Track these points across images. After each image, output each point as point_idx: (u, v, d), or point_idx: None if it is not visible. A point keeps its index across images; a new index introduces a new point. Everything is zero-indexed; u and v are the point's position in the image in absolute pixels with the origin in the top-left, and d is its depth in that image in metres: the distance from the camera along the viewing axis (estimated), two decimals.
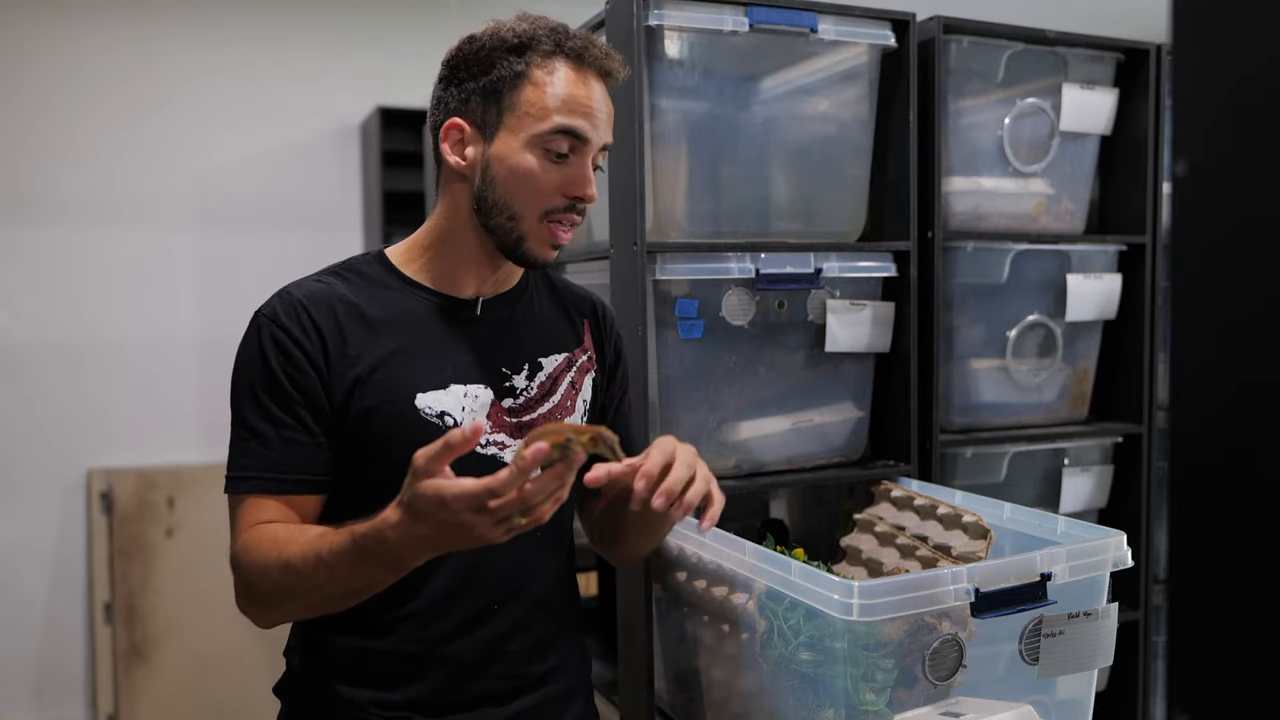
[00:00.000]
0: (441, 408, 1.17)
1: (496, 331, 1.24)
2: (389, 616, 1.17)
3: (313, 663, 1.22)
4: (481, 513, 0.93)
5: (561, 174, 1.17)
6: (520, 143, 1.16)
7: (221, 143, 3.76)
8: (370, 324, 1.17)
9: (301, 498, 1.14)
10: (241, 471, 1.13)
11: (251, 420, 1.13)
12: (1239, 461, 0.47)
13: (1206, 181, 0.48)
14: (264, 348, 1.14)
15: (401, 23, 3.94)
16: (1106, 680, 1.95)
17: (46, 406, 3.55)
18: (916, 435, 1.71)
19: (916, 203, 1.70)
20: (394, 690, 1.18)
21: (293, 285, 1.19)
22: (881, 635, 1.15)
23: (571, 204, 1.18)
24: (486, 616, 1.21)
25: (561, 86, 1.15)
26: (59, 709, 3.55)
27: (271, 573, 1.07)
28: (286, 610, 1.12)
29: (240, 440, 1.14)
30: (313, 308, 1.15)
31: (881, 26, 1.66)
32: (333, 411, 1.14)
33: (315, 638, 1.21)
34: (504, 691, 1.23)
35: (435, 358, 1.19)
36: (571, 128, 1.15)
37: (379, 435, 1.14)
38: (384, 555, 1.00)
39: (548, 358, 1.27)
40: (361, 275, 1.22)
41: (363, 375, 1.14)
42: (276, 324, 1.14)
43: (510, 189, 1.17)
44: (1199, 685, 0.49)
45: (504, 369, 1.23)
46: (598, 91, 1.18)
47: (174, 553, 3.54)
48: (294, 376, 1.13)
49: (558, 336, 1.30)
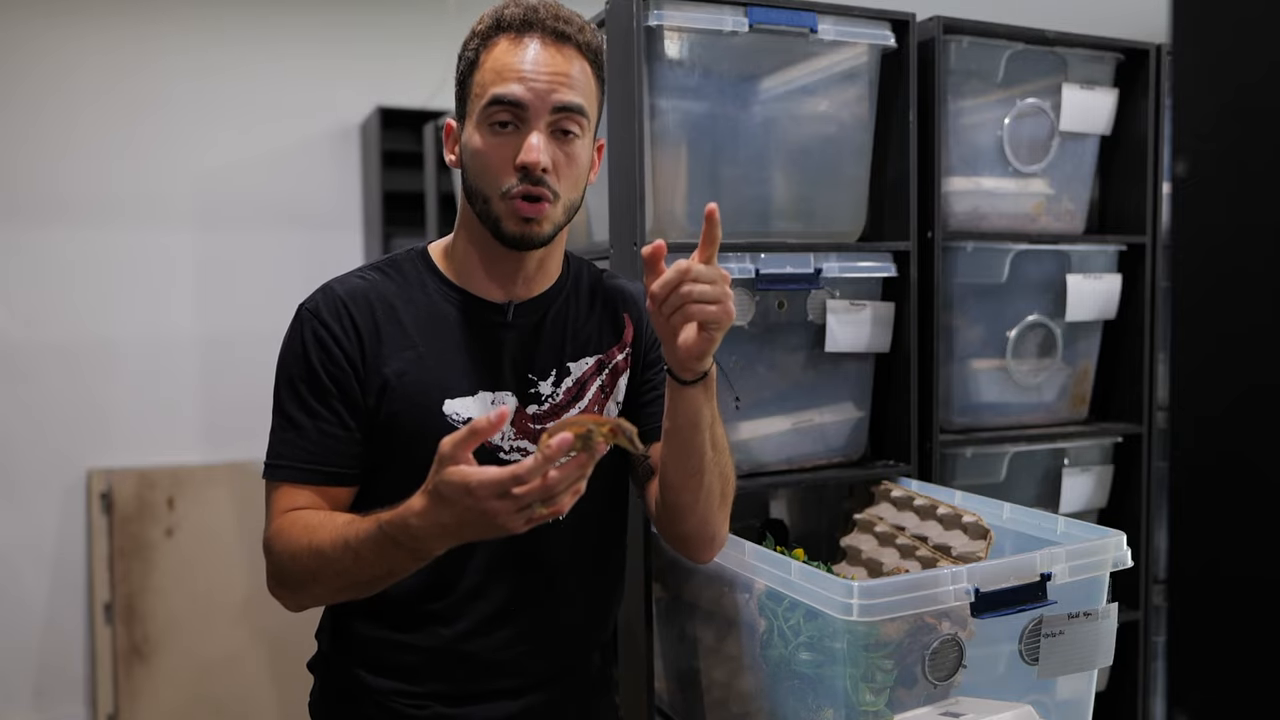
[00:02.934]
0: (469, 414, 1.18)
1: (526, 337, 1.24)
2: (415, 612, 1.20)
3: (340, 648, 1.25)
4: (505, 499, 0.94)
5: (509, 146, 1.14)
6: (473, 126, 1.17)
7: (221, 142, 3.75)
8: (404, 326, 1.19)
9: (334, 489, 1.17)
10: (278, 460, 1.16)
11: (290, 411, 1.16)
12: (1239, 461, 0.47)
13: (1206, 181, 0.48)
14: (305, 342, 1.17)
15: (401, 23, 3.94)
16: (1106, 680, 1.95)
17: (46, 406, 3.55)
18: (916, 435, 1.71)
19: (916, 203, 1.69)
20: (416, 682, 1.21)
21: (336, 280, 1.21)
22: (881, 635, 1.15)
23: (524, 175, 1.13)
24: (500, 621, 1.22)
25: (498, 59, 1.15)
26: (59, 709, 3.55)
27: (301, 558, 1.09)
28: (314, 594, 1.14)
29: (279, 429, 1.17)
30: (353, 305, 1.18)
31: (881, 27, 1.66)
32: (366, 409, 1.17)
33: (344, 625, 1.24)
34: (520, 686, 1.25)
35: (464, 364, 1.20)
36: (501, 95, 1.13)
37: (405, 438, 1.16)
38: (408, 543, 1.01)
39: (576, 362, 1.26)
40: (403, 273, 1.23)
41: (392, 378, 1.16)
42: (318, 319, 1.17)
43: (474, 173, 1.18)
44: (1199, 685, 0.49)
45: (530, 375, 1.23)
46: (538, 53, 1.14)
47: (174, 553, 3.54)
48: (332, 372, 1.16)
49: (591, 339, 1.29)
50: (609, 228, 1.59)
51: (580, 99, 1.15)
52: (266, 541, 1.15)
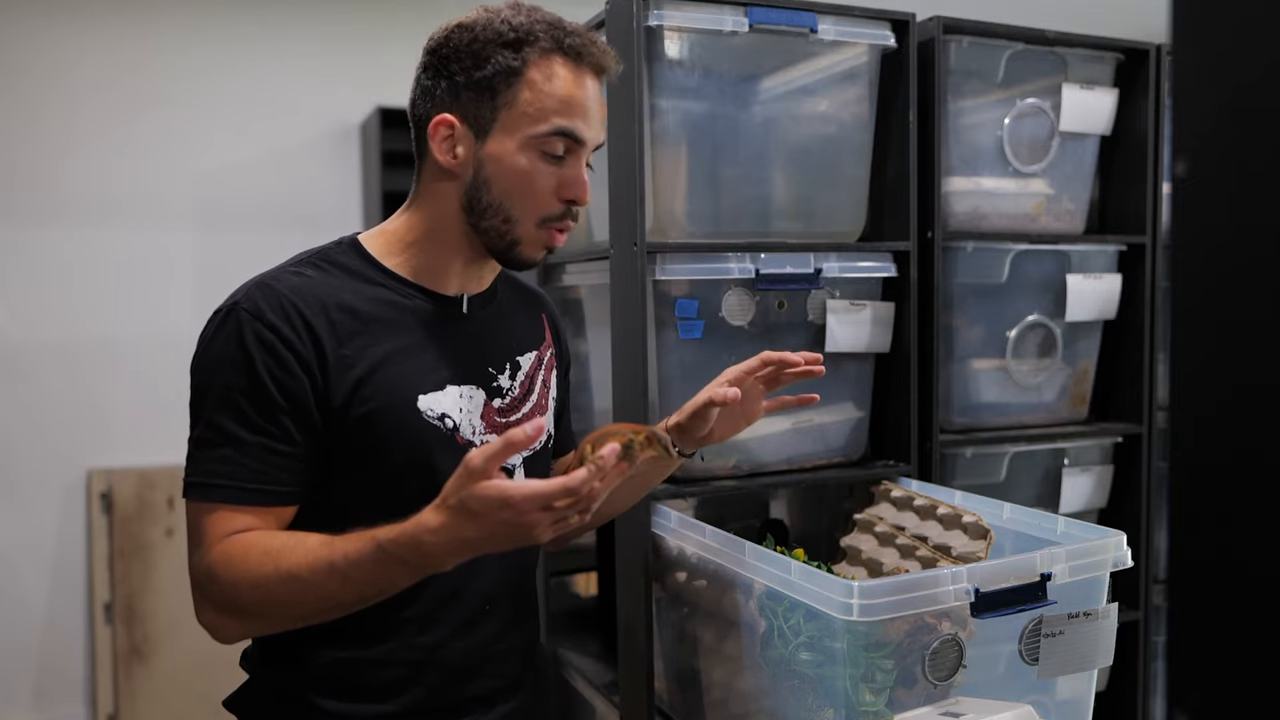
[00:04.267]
0: (442, 409, 1.15)
1: (482, 330, 1.23)
2: (385, 623, 1.13)
3: (288, 678, 1.16)
4: (547, 511, 0.93)
5: (557, 177, 1.14)
6: (516, 144, 1.12)
7: (220, 142, 3.75)
8: (364, 321, 1.12)
9: (280, 509, 1.08)
10: (212, 478, 1.05)
11: (224, 424, 1.05)
12: (1239, 461, 0.47)
13: (1206, 181, 0.48)
14: (247, 347, 1.06)
15: (401, 23, 3.93)
16: (1106, 680, 1.95)
17: (46, 407, 3.55)
18: (916, 435, 1.71)
19: (916, 203, 1.69)
20: (387, 700, 1.15)
21: (268, 278, 1.11)
22: (881, 635, 1.15)
23: (567, 208, 1.16)
24: (480, 618, 1.20)
25: (560, 87, 1.11)
26: (59, 709, 3.55)
27: (267, 584, 1.01)
28: (274, 621, 1.07)
29: (208, 444, 1.06)
30: (302, 304, 1.08)
31: (881, 27, 1.66)
32: (327, 415, 1.08)
33: (292, 651, 1.15)
34: (492, 692, 1.23)
35: (431, 358, 1.15)
36: (570, 130, 1.12)
37: (379, 438, 1.10)
38: (417, 561, 0.97)
39: (524, 356, 1.27)
40: (341, 267, 1.15)
41: (363, 377, 1.10)
42: (262, 321, 1.06)
43: (506, 192, 1.13)
44: (1199, 685, 0.49)
45: (490, 369, 1.22)
46: (593, 91, 1.15)
47: (174, 553, 3.53)
48: (283, 381, 1.06)
49: (529, 335, 1.30)
50: (609, 228, 1.59)
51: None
52: (206, 569, 1.04)
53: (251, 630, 1.10)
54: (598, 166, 1.61)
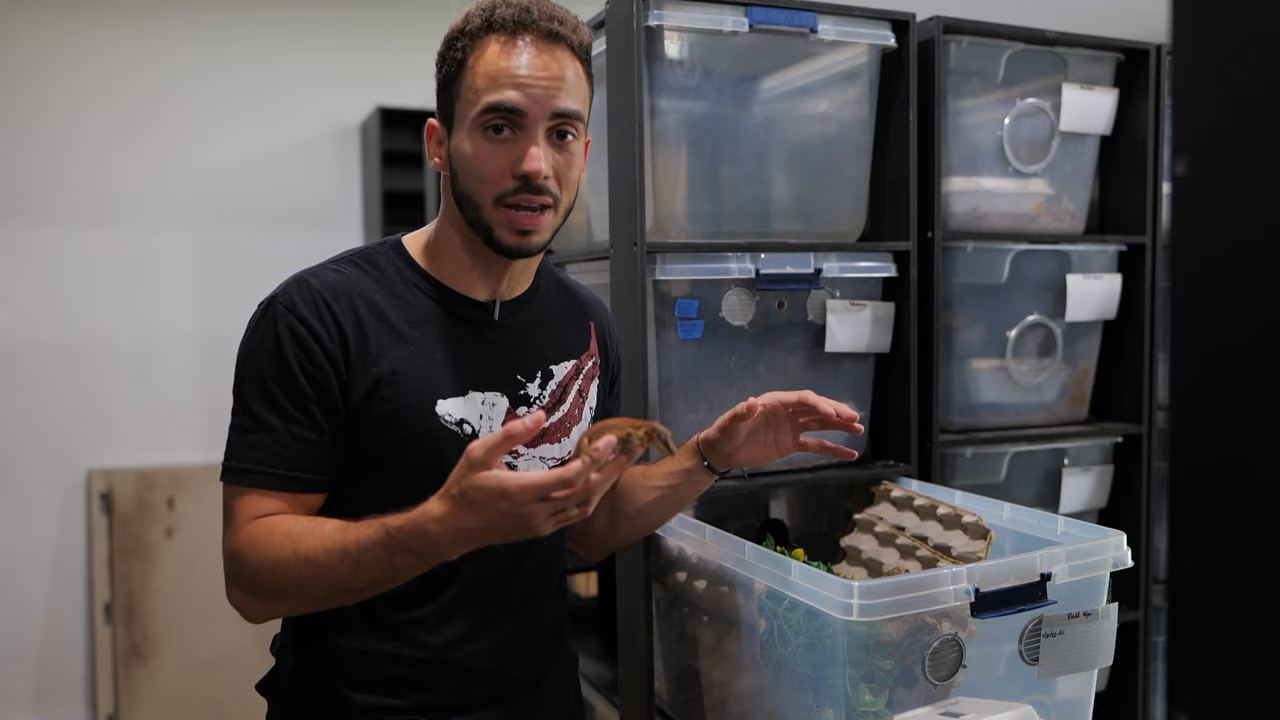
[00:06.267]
0: (460, 415, 1.15)
1: (512, 336, 1.22)
2: (397, 620, 1.16)
3: (311, 665, 1.19)
4: (544, 502, 0.93)
5: (507, 153, 1.11)
6: (465, 132, 1.12)
7: (221, 142, 3.76)
8: (390, 323, 1.14)
9: (306, 496, 1.11)
10: (245, 463, 1.10)
11: (259, 411, 1.09)
12: (1238, 462, 0.47)
13: (1206, 181, 0.48)
14: (280, 339, 1.09)
15: (401, 23, 3.94)
16: (1106, 680, 1.95)
17: (46, 407, 3.55)
18: (916, 435, 1.71)
19: (916, 203, 1.69)
20: (400, 695, 1.17)
21: (309, 274, 1.15)
22: (881, 635, 1.15)
23: (522, 183, 1.11)
24: (494, 620, 1.20)
25: (488, 63, 1.10)
26: (59, 709, 3.55)
27: (285, 566, 1.04)
28: (293, 603, 1.10)
29: (244, 430, 1.10)
30: (334, 301, 1.11)
31: (881, 27, 1.66)
32: (348, 411, 1.11)
33: (315, 640, 1.19)
34: (507, 694, 1.23)
35: (453, 362, 1.16)
36: (497, 102, 1.09)
37: (396, 439, 1.12)
38: (422, 549, 0.99)
39: (558, 365, 1.25)
40: (379, 267, 1.18)
41: (383, 377, 1.11)
42: (295, 315, 1.10)
43: (466, 179, 1.14)
44: (1199, 685, 0.49)
45: (519, 376, 1.21)
46: (533, 57, 1.10)
47: (174, 553, 3.54)
48: (310, 373, 1.09)
49: (567, 343, 1.28)
50: (609, 228, 1.59)
51: (576, 104, 1.14)
52: (234, 550, 1.09)
53: (275, 610, 1.13)
54: (597, 166, 1.62)
